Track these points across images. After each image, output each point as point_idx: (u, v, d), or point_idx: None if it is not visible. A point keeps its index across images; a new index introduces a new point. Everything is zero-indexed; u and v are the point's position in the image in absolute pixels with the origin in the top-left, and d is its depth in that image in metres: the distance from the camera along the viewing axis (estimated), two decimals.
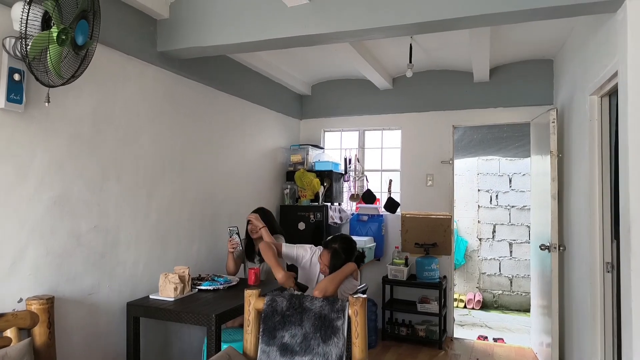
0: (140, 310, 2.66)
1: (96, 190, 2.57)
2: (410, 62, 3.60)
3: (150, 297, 2.79)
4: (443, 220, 4.60)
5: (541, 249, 3.65)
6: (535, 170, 4.18)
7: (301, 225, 4.52)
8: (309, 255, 2.91)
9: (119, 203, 2.73)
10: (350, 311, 2.14)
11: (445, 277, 4.57)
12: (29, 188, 2.18)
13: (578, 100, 3.21)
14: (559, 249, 3.51)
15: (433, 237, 4.60)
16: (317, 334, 2.11)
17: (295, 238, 4.22)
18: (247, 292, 2.31)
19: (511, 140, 5.16)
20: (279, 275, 2.61)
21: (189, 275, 2.90)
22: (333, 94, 5.08)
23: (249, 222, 3.31)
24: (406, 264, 4.52)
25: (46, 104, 2.11)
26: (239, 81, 3.95)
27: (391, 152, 5.07)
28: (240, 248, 3.25)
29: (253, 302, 2.29)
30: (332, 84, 5.09)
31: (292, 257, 2.92)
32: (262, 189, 4.44)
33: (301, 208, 4.58)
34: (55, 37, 1.90)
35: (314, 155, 4.84)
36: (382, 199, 4.94)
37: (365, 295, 2.18)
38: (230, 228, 3.24)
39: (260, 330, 2.22)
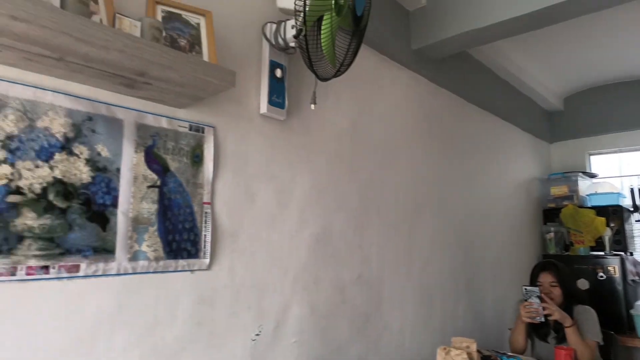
0: None
1: (357, 226, 1.92)
2: None
3: None
4: None
5: None
6: None
7: (582, 284, 3.23)
8: None
9: (380, 245, 2.04)
10: None
11: None
12: (291, 221, 1.62)
13: None
14: None
15: None
16: None
17: None
18: None
19: None
20: None
21: (478, 353, 1.99)
22: (599, 104, 3.82)
23: (538, 285, 2.29)
24: None
25: (312, 106, 1.56)
26: (485, 89, 3.07)
27: None
28: (541, 319, 2.18)
29: None
30: (597, 92, 3.84)
31: None
32: (520, 233, 3.38)
33: (579, 259, 3.32)
34: (333, 4, 1.35)
35: (584, 186, 3.60)
36: None
37: None
38: (527, 288, 2.18)
39: None
